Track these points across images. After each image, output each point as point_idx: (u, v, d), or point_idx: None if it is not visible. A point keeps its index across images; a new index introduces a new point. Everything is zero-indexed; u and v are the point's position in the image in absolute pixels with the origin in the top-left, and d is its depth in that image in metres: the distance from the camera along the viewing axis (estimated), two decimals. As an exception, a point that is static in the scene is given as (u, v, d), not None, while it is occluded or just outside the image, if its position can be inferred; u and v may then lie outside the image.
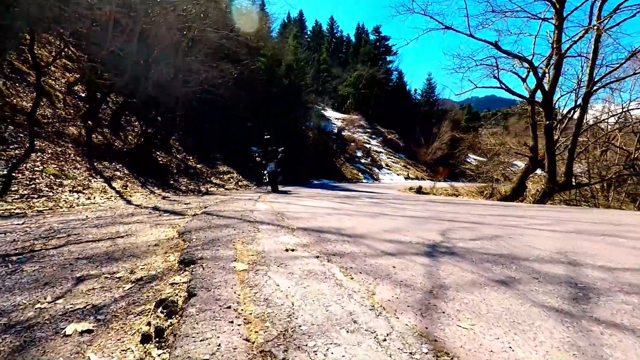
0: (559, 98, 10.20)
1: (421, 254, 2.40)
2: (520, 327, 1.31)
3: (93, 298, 1.54)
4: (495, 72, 10.66)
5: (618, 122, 13.54)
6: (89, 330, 1.27)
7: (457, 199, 10.51)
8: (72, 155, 7.34)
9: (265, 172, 9.26)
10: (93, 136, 8.49)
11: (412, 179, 33.93)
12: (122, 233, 2.79)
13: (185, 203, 5.26)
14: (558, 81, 9.63)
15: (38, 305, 1.48)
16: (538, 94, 11.03)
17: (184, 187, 8.80)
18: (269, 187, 9.45)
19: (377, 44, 53.70)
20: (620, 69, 9.82)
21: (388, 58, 53.78)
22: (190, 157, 12.41)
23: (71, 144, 7.70)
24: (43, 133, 7.50)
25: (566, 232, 3.56)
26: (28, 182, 5.33)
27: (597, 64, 9.66)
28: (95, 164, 7.57)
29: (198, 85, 10.58)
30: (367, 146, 36.16)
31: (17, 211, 3.86)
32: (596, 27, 8.86)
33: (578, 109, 10.36)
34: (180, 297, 1.51)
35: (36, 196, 4.93)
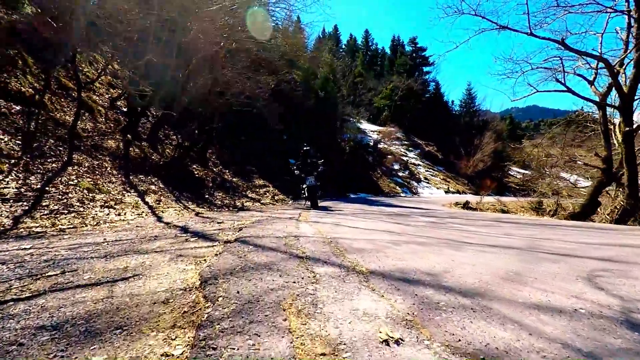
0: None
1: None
2: None
3: None
4: (556, 75, 9.49)
5: None
6: None
7: (525, 218, 9.30)
8: (109, 168, 7.18)
9: (304, 187, 8.60)
10: (130, 149, 8.37)
11: (453, 193, 32.22)
12: (131, 271, 2.24)
13: (218, 222, 4.77)
14: (640, 81, 8.26)
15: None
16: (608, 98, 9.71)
17: (219, 202, 8.42)
18: (308, 203, 8.75)
19: (414, 55, 52.67)
20: None
21: (425, 69, 52.55)
22: (226, 171, 12.17)
23: (108, 157, 7.58)
24: (82, 146, 7.44)
25: None
26: (60, 197, 5.09)
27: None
28: (130, 178, 7.37)
29: (235, 97, 10.32)
30: (405, 159, 34.93)
31: (38, 229, 3.51)
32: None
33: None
34: None
35: (65, 212, 4.63)
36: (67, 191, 5.33)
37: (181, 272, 2.23)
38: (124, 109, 10.90)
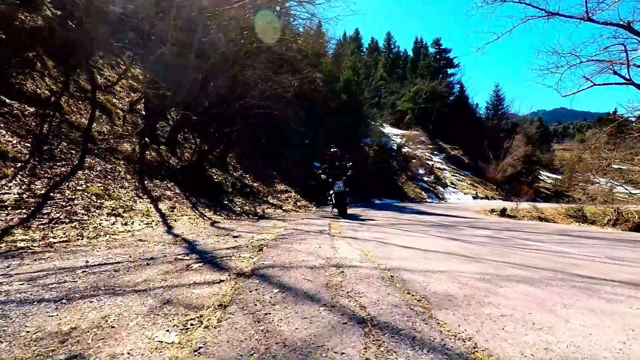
0: None
1: None
2: None
3: None
4: (614, 67, 8.38)
5: None
6: None
7: (596, 231, 8.10)
8: (122, 172, 6.73)
9: (331, 193, 7.67)
10: (147, 153, 7.95)
11: (481, 199, 30.72)
12: (72, 343, 1.39)
13: (234, 235, 4.12)
14: None
15: None
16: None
17: (239, 208, 7.84)
18: (335, 210, 7.91)
19: (437, 57, 51.26)
20: None
21: (449, 71, 51.00)
22: (246, 175, 11.65)
23: (123, 161, 7.15)
24: (96, 150, 7.04)
25: None
26: (64, 204, 4.61)
27: None
28: (145, 183, 6.90)
29: (256, 98, 9.79)
30: (430, 163, 33.69)
31: (22, 244, 2.96)
32: None
33: None
34: None
35: (67, 221, 4.12)
36: (73, 197, 4.85)
37: (153, 353, 1.32)
38: (143, 112, 10.59)
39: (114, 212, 4.70)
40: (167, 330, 1.52)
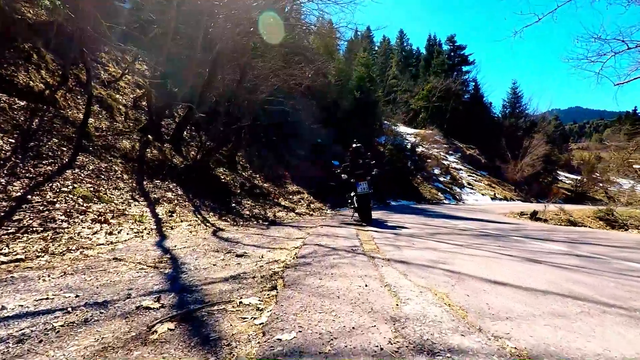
0: None
1: None
2: None
3: None
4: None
5: None
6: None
7: None
8: (119, 172, 6.06)
9: (352, 195, 6.58)
10: (148, 151, 7.27)
11: (500, 200, 29.52)
12: None
13: (237, 254, 3.16)
14: None
15: None
16: None
17: (247, 212, 7.10)
18: (356, 215, 6.81)
19: (452, 54, 49.83)
20: None
21: (464, 68, 49.51)
22: (256, 175, 10.93)
23: (120, 160, 6.49)
24: (91, 147, 6.39)
25: None
26: (42, 208, 3.92)
27: None
28: (144, 183, 6.22)
29: (266, 92, 9.04)
30: (445, 163, 32.56)
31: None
32: None
33: None
34: None
35: (39, 230, 3.42)
36: (55, 200, 4.16)
37: None
38: (147, 109, 9.97)
39: (100, 218, 3.99)
40: None
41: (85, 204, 4.35)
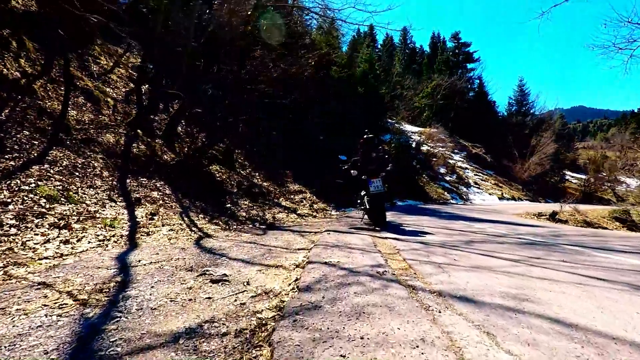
0: None
1: None
2: None
3: None
4: None
5: None
6: None
7: None
8: (98, 169, 5.38)
9: (363, 194, 5.67)
10: (134, 146, 6.59)
11: (508, 199, 28.79)
12: None
13: (213, 280, 2.29)
14: None
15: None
16: None
17: (244, 213, 6.39)
18: (366, 217, 5.94)
19: (456, 51, 48.97)
20: None
21: (469, 66, 48.65)
22: (256, 174, 10.22)
23: (101, 155, 5.81)
24: (68, 141, 5.71)
25: None
26: (-10, 210, 3.23)
27: None
28: (127, 181, 5.54)
29: (265, 83, 8.33)
30: (451, 162, 31.77)
31: None
32: None
33: None
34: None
35: (-23, 237, 2.73)
36: (10, 201, 3.48)
37: None
38: (138, 101, 9.28)
39: (61, 223, 3.30)
40: None
41: (48, 205, 3.67)
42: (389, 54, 54.34)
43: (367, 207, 5.56)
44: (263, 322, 1.67)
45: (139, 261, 2.57)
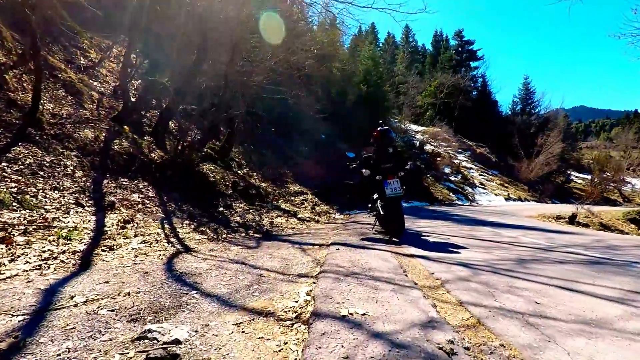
0: None
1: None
2: None
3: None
4: None
5: None
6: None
7: None
8: (70, 167, 4.70)
9: (376, 198, 4.77)
10: (115, 142, 5.91)
11: (514, 200, 28.11)
12: None
13: (154, 355, 1.33)
14: None
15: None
16: None
17: (238, 218, 5.70)
18: (376, 222, 5.06)
19: (459, 50, 48.20)
20: None
21: (472, 64, 47.89)
22: (253, 174, 9.54)
23: (75, 152, 5.13)
24: (38, 136, 5.03)
25: None
26: None
27: None
28: (104, 182, 4.86)
29: (262, 75, 7.65)
30: (456, 162, 31.04)
31: None
32: None
33: None
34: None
35: None
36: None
37: None
38: (129, 95, 8.61)
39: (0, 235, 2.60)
40: None
41: (-8, 212, 2.99)
42: (391, 53, 53.61)
43: (382, 214, 4.62)
44: None
45: (72, 297, 1.85)
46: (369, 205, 5.13)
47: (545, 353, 1.51)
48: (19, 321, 1.55)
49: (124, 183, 5.14)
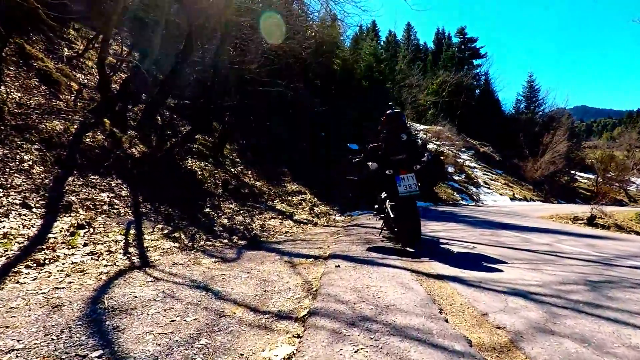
0: None
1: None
2: None
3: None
4: None
5: None
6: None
7: None
8: (28, 162, 4.05)
9: (384, 197, 3.95)
10: (87, 135, 5.26)
11: (520, 200, 27.45)
12: None
13: None
14: None
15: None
16: None
17: (225, 221, 5.04)
18: (384, 227, 4.26)
19: (462, 47, 47.48)
20: None
21: (475, 62, 47.18)
22: (248, 172, 8.87)
23: (37, 145, 4.47)
24: (-6, 127, 4.38)
25: None
26: None
27: None
28: (69, 179, 4.20)
29: (255, 63, 6.98)
30: (459, 161, 30.36)
31: None
32: None
33: None
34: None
35: None
36: None
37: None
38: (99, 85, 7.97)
39: None
40: None
41: None
42: (393, 51, 52.91)
43: (392, 217, 3.72)
44: None
45: None
46: (375, 206, 4.28)
47: None
48: None
49: (93, 181, 4.49)
